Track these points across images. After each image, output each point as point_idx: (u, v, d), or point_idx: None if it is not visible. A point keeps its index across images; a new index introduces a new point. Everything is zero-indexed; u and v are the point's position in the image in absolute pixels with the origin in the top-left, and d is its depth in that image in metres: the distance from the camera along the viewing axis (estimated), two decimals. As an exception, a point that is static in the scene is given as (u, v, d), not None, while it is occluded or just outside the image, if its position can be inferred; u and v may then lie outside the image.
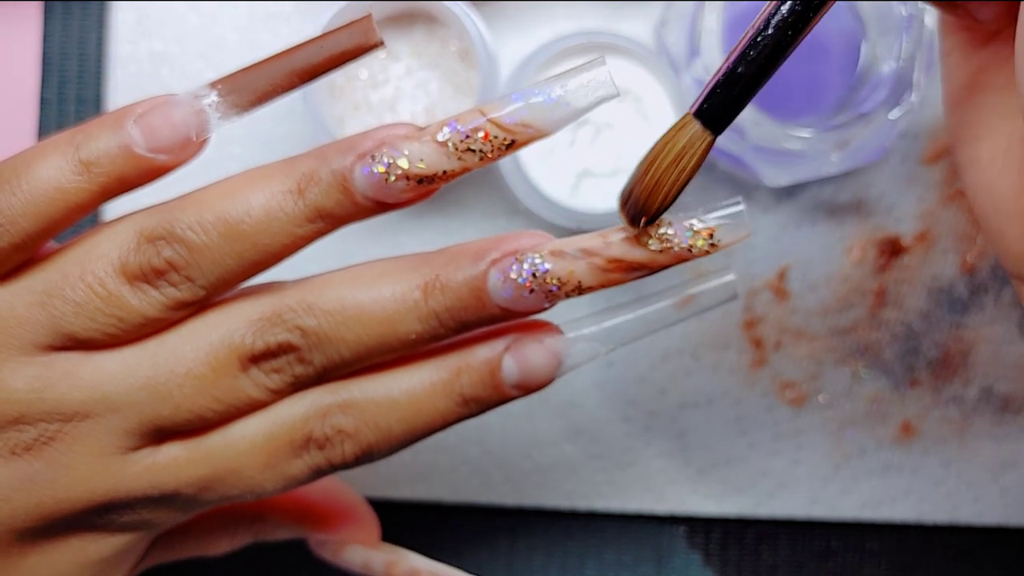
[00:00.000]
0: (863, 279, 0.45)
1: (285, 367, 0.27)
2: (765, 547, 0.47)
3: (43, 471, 0.27)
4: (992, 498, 0.45)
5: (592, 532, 0.46)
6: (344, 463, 0.28)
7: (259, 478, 0.28)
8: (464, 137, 0.26)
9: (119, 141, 0.26)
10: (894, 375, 0.45)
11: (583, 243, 0.27)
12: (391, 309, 0.27)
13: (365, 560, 0.36)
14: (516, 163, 0.40)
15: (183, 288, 0.27)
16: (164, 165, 0.27)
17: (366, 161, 0.26)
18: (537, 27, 0.44)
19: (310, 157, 0.27)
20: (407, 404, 0.28)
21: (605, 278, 0.27)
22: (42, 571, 0.28)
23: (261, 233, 0.26)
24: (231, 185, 0.27)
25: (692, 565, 0.46)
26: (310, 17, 0.44)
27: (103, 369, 0.27)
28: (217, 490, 0.28)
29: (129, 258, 0.26)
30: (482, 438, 0.45)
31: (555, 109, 0.26)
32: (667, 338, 0.45)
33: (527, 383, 0.28)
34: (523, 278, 0.27)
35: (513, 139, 0.26)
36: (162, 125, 0.26)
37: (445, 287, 0.27)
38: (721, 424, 0.45)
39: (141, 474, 0.27)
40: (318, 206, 0.27)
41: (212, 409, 0.27)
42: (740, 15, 0.42)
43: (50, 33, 0.45)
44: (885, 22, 0.40)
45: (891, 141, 0.40)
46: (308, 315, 0.27)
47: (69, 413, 0.27)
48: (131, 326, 0.27)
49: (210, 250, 0.26)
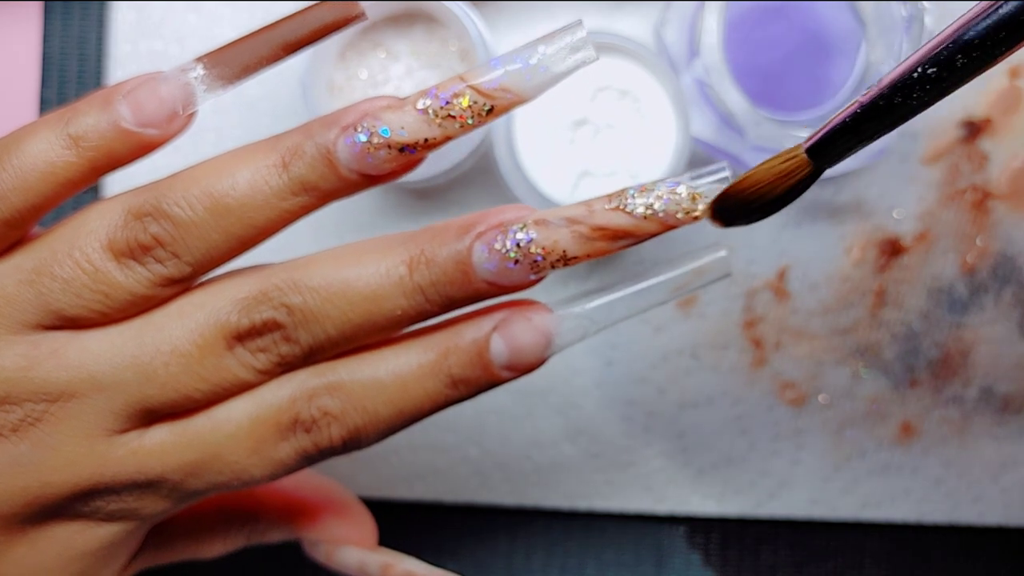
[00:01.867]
0: (863, 279, 0.45)
1: (271, 346, 0.27)
2: (765, 547, 0.47)
3: (29, 453, 0.27)
4: (992, 498, 0.45)
5: (592, 532, 0.46)
6: (332, 447, 0.28)
7: (245, 463, 0.28)
8: (444, 104, 0.26)
9: (108, 116, 0.27)
10: (894, 375, 0.45)
11: (567, 212, 0.27)
12: (376, 285, 0.27)
13: (360, 562, 0.35)
14: (516, 163, 0.40)
15: (169, 264, 0.27)
16: (153, 140, 0.27)
17: (348, 133, 0.26)
18: (537, 27, 0.44)
19: (295, 132, 0.27)
20: (394, 386, 0.28)
21: (591, 247, 0.27)
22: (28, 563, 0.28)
23: (246, 207, 0.27)
24: (218, 161, 0.27)
25: (692, 565, 0.46)
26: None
27: (89, 348, 0.27)
28: (204, 476, 0.28)
29: (116, 234, 0.27)
30: (482, 438, 0.45)
31: (534, 74, 0.26)
32: (667, 338, 0.45)
33: (516, 363, 0.28)
34: (507, 249, 0.27)
35: (493, 105, 0.26)
36: (149, 100, 0.27)
37: (431, 261, 0.27)
38: (721, 424, 0.45)
39: (127, 458, 0.27)
40: (303, 179, 0.27)
41: (198, 389, 0.27)
42: (740, 15, 0.42)
43: (50, 33, 0.45)
44: (885, 22, 0.40)
45: (891, 141, 0.40)
46: (294, 293, 0.27)
47: (55, 393, 0.27)
48: (118, 303, 0.27)
49: (196, 225, 0.26)
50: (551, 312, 0.28)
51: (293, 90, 0.44)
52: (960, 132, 0.44)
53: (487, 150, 0.42)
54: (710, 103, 0.40)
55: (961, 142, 0.44)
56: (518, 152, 0.40)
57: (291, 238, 0.44)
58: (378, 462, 0.46)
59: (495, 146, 0.41)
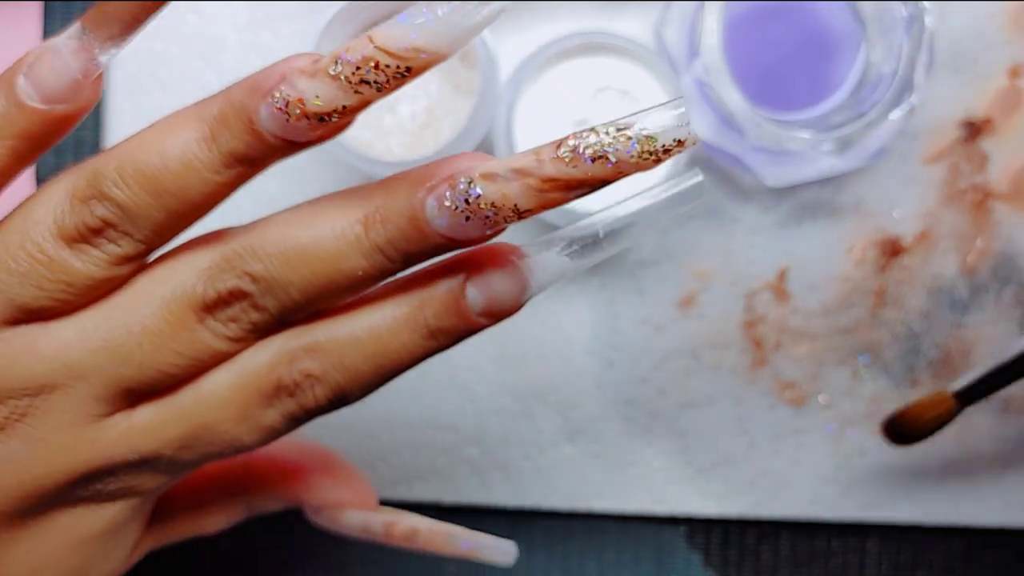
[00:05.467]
0: (863, 279, 0.45)
1: (241, 315, 0.27)
2: (765, 547, 0.47)
3: (19, 449, 0.27)
4: (993, 498, 0.45)
5: (592, 532, 0.46)
6: (318, 407, 0.28)
7: (235, 431, 0.27)
8: (355, 69, 0.25)
9: (12, 99, 0.26)
10: (894, 375, 0.45)
11: (515, 162, 0.25)
12: (332, 247, 0.26)
13: (364, 523, 0.35)
14: (516, 163, 0.40)
15: (123, 243, 0.26)
16: (66, 114, 0.26)
17: (268, 101, 0.25)
18: (537, 27, 0.44)
19: (219, 99, 0.26)
20: (372, 341, 0.27)
21: (543, 199, 0.25)
22: (35, 555, 0.28)
23: (181, 185, 0.26)
24: (148, 135, 0.26)
25: (692, 565, 0.46)
26: (310, 17, 0.44)
27: (61, 338, 0.27)
28: (196, 447, 0.28)
29: (65, 220, 0.26)
30: (482, 438, 0.45)
31: (446, 29, 0.24)
32: (667, 338, 0.45)
33: (493, 309, 0.27)
34: (457, 205, 0.25)
35: (408, 66, 0.24)
36: (48, 74, 0.26)
37: (385, 219, 0.26)
38: (721, 424, 0.45)
39: (118, 439, 0.27)
40: (232, 151, 0.26)
41: (175, 364, 0.27)
42: (740, 15, 0.42)
43: (50, 33, 0.45)
44: (885, 22, 0.40)
45: (891, 141, 0.40)
46: (254, 259, 0.26)
47: (36, 387, 0.27)
48: (80, 289, 0.26)
49: (138, 206, 0.26)
50: (526, 255, 0.27)
51: (293, 90, 0.44)
52: (960, 132, 0.44)
53: (487, 150, 0.42)
54: (710, 103, 0.40)
55: (961, 142, 0.44)
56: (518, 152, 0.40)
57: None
58: (378, 462, 0.46)
59: (495, 146, 0.41)
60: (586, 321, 0.45)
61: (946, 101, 0.44)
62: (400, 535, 0.35)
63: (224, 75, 0.45)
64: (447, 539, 0.35)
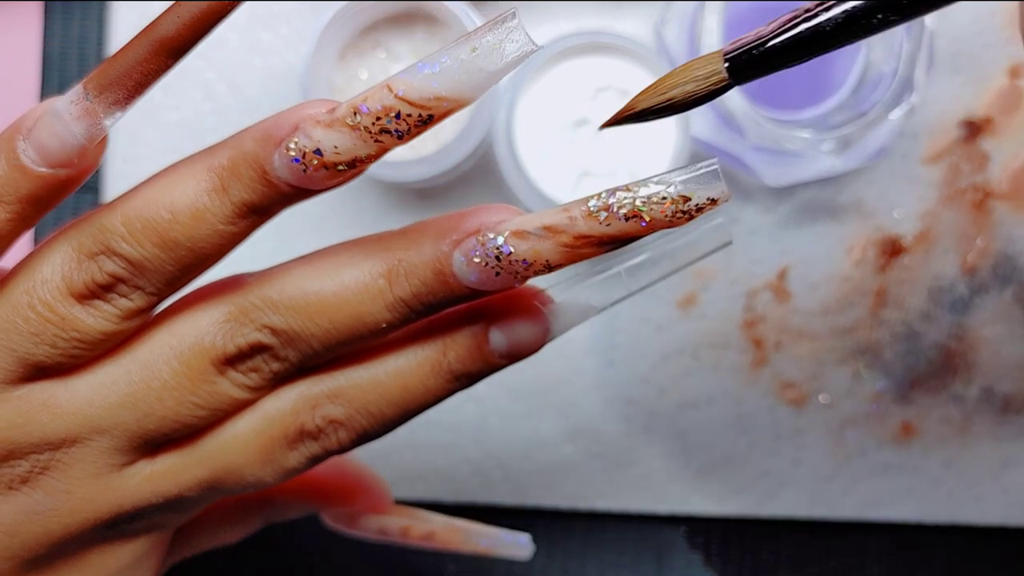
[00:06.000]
0: (863, 279, 0.45)
1: (262, 365, 0.27)
2: (765, 547, 0.47)
3: (43, 500, 0.27)
4: (993, 498, 0.45)
5: (592, 532, 0.46)
6: (341, 448, 0.28)
7: (259, 473, 0.28)
8: (375, 119, 0.24)
9: (14, 164, 0.25)
10: (895, 375, 0.45)
11: (546, 219, 0.25)
12: (355, 300, 0.26)
13: (380, 526, 0.35)
14: (516, 163, 0.40)
15: (134, 297, 0.26)
16: (71, 177, 0.26)
17: (283, 151, 0.25)
18: (537, 27, 0.44)
19: (229, 147, 0.26)
20: (396, 387, 0.27)
21: (574, 254, 0.25)
22: None
23: (193, 237, 0.25)
24: (154, 189, 0.26)
25: (692, 565, 0.46)
26: (310, 17, 0.44)
27: (80, 393, 0.26)
28: (220, 489, 0.28)
29: (73, 277, 0.26)
30: (482, 438, 0.45)
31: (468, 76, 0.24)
32: (667, 338, 0.45)
33: (516, 352, 0.27)
34: (488, 262, 0.25)
35: (430, 114, 0.24)
36: (50, 140, 0.25)
37: (409, 272, 0.26)
38: (721, 424, 0.45)
39: (142, 485, 0.27)
40: (244, 202, 0.25)
41: (197, 416, 0.27)
42: (740, 15, 0.42)
43: (50, 33, 0.45)
44: (885, 22, 0.40)
45: (891, 141, 0.40)
46: (273, 312, 0.26)
47: (57, 441, 0.26)
48: (93, 344, 0.26)
49: (149, 261, 0.25)
50: (549, 300, 0.27)
51: (293, 91, 0.44)
52: (960, 132, 0.44)
53: (487, 150, 0.42)
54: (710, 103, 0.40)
55: (961, 142, 0.44)
56: (518, 152, 0.40)
57: (291, 237, 0.44)
58: (378, 462, 0.46)
59: (495, 146, 0.41)
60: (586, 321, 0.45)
61: (946, 101, 0.44)
62: (416, 536, 0.35)
63: (224, 75, 0.44)
64: (465, 537, 0.35)
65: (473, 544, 0.35)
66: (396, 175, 0.41)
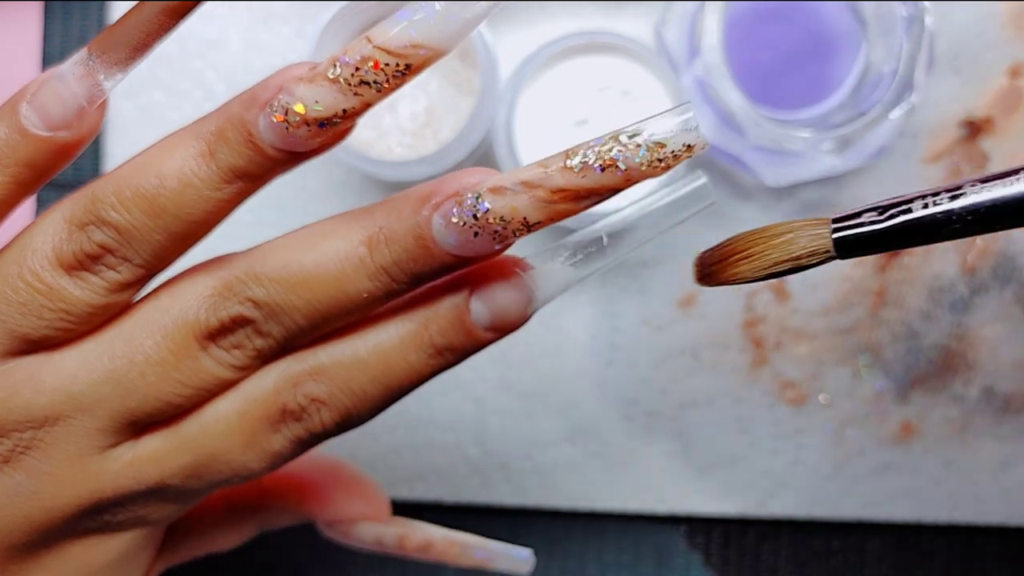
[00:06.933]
0: (864, 279, 0.45)
1: (244, 341, 0.26)
2: (765, 547, 0.47)
3: (25, 482, 0.27)
4: (993, 498, 0.45)
5: (592, 532, 0.46)
6: (325, 430, 0.27)
7: (242, 458, 0.27)
8: (354, 70, 0.24)
9: (15, 127, 0.26)
10: (895, 375, 0.45)
11: (523, 175, 0.25)
12: (337, 269, 0.26)
13: (376, 536, 0.35)
14: (516, 163, 0.41)
15: (122, 269, 0.26)
16: (69, 141, 0.26)
17: (267, 111, 0.25)
18: (537, 27, 0.44)
19: (216, 114, 0.26)
20: (377, 363, 0.27)
21: (552, 210, 0.25)
22: None
23: (182, 204, 0.25)
24: (144, 157, 0.26)
25: (692, 565, 0.46)
26: (310, 17, 0.44)
27: (64, 368, 0.26)
28: (204, 476, 0.27)
29: (63, 248, 0.26)
30: (482, 438, 0.45)
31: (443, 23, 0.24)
32: (667, 338, 0.45)
33: (499, 323, 0.27)
34: (465, 221, 0.25)
35: (407, 63, 0.24)
36: (51, 101, 0.26)
37: (389, 239, 0.25)
38: (721, 424, 0.45)
39: (124, 470, 0.27)
40: (231, 166, 0.25)
41: (179, 394, 0.27)
42: (740, 15, 0.42)
43: (50, 33, 0.45)
44: (885, 22, 0.40)
45: (891, 141, 0.40)
46: (256, 285, 0.26)
47: (39, 419, 0.26)
48: (80, 318, 0.26)
49: (137, 229, 0.25)
50: (530, 267, 0.27)
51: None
52: (960, 132, 0.44)
53: (487, 150, 0.42)
54: (710, 103, 0.40)
55: (961, 142, 0.44)
56: (518, 152, 0.40)
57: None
58: (378, 462, 0.46)
59: (495, 146, 0.41)
60: (586, 321, 0.45)
61: (946, 101, 0.44)
62: (413, 548, 0.35)
63: (224, 75, 0.45)
64: (462, 550, 0.35)
65: (470, 557, 0.35)
66: (396, 175, 0.41)
